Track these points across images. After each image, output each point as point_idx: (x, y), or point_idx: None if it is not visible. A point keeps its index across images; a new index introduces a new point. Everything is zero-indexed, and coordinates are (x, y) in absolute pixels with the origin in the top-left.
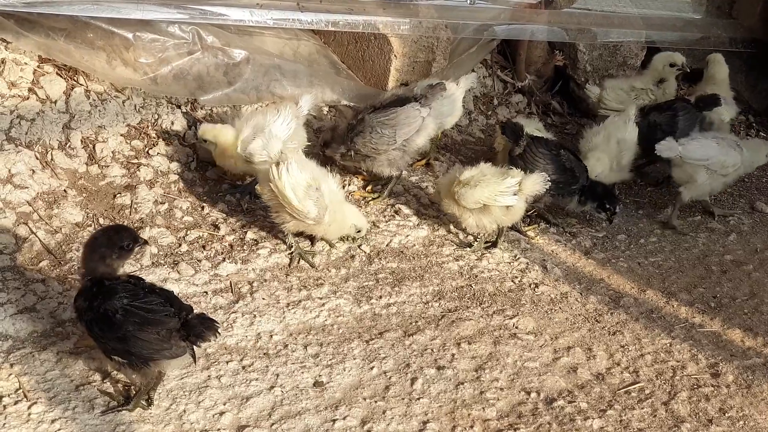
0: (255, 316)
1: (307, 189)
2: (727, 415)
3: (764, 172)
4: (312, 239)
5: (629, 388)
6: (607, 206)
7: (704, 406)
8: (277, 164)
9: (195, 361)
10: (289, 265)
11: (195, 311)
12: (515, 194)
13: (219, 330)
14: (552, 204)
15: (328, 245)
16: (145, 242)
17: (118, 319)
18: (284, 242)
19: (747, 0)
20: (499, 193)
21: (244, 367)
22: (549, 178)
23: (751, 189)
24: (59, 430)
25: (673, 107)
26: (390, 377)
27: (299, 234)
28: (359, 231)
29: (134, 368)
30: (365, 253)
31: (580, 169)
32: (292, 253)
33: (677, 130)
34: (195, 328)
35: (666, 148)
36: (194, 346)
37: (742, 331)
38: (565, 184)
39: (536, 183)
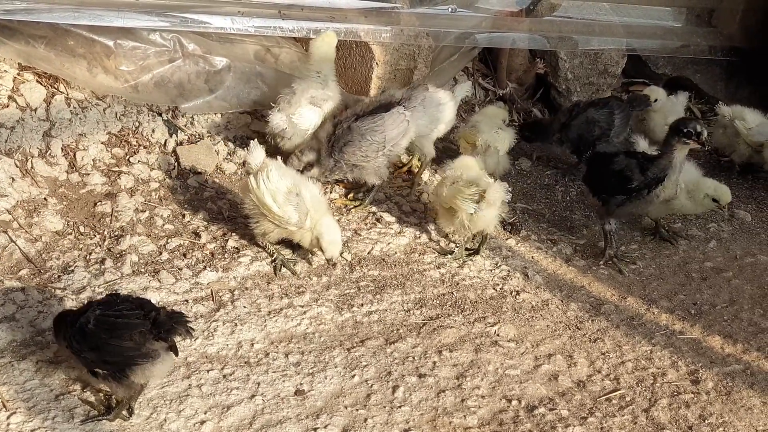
0: (236, 324)
1: (287, 195)
2: (707, 421)
3: (744, 179)
4: (293, 247)
5: (610, 395)
6: (685, 131)
7: (684, 412)
8: (256, 174)
9: (177, 353)
10: (275, 274)
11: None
12: (477, 202)
13: (189, 323)
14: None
15: (309, 253)
16: None
17: (90, 329)
18: (265, 250)
19: (726, 9)
20: (462, 198)
21: (225, 376)
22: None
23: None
24: None
25: (609, 104)
26: (371, 385)
27: (279, 242)
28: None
29: (117, 380)
30: (347, 260)
31: (631, 168)
32: (275, 260)
33: (614, 126)
34: (164, 324)
35: None
36: (171, 342)
37: (721, 338)
38: (623, 188)
39: (498, 192)
